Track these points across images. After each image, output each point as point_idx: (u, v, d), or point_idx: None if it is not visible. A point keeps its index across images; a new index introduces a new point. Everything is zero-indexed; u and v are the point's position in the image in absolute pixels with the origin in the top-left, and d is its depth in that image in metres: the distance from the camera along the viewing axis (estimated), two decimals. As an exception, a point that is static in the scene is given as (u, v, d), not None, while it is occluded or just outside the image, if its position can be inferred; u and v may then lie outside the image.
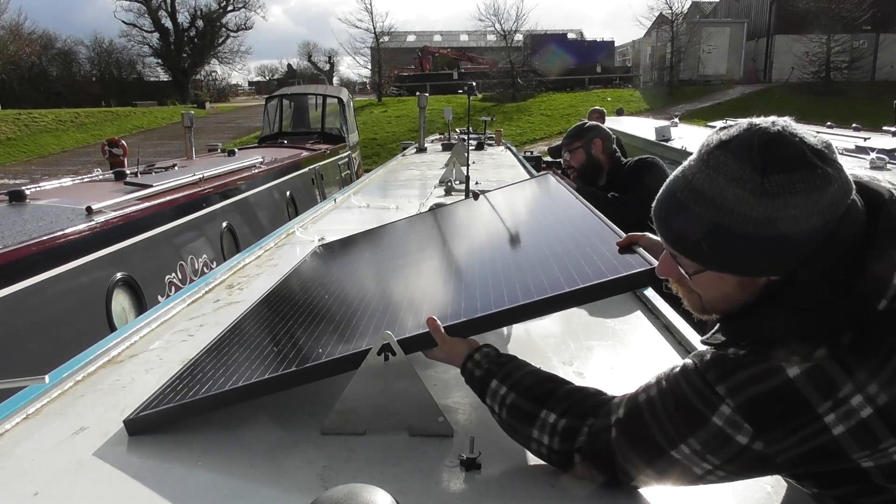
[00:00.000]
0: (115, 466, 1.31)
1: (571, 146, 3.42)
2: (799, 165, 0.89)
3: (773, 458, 0.95)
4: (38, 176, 18.72)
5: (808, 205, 0.88)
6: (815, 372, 0.89)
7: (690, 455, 1.00)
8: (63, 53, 46.07)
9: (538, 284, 1.44)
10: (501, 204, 2.64)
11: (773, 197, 0.89)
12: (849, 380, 0.87)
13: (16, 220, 4.23)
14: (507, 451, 1.32)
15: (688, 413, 0.99)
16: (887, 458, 0.90)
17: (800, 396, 0.90)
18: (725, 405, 0.95)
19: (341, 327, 1.62)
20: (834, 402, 0.89)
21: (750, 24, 35.35)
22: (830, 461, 0.93)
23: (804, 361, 0.90)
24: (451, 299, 1.58)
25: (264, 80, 58.36)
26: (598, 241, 1.62)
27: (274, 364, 1.49)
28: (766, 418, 0.93)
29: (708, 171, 0.95)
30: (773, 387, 0.92)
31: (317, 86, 18.29)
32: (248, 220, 6.82)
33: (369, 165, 14.97)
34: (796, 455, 0.93)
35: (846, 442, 0.89)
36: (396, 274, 2.13)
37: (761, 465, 0.97)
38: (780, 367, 0.91)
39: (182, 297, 2.40)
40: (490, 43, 41.60)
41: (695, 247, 0.98)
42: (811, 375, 0.89)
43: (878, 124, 7.61)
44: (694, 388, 1.00)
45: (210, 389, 1.44)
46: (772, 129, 0.92)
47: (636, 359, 1.83)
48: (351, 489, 0.78)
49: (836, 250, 0.90)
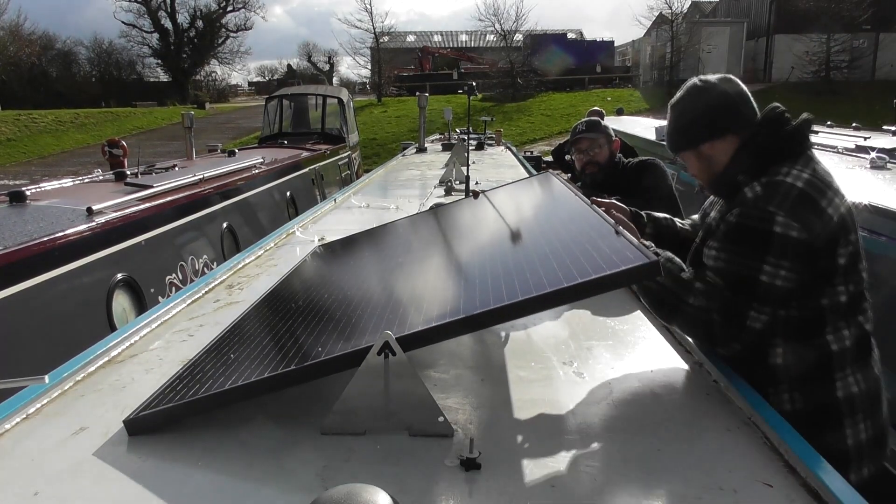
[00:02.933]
0: (115, 466, 1.31)
1: (597, 141, 3.19)
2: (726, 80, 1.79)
3: (813, 243, 1.53)
4: (38, 177, 18.71)
5: (730, 84, 1.76)
6: (809, 182, 1.59)
7: (773, 270, 1.53)
8: (63, 54, 46.12)
9: (537, 281, 1.44)
10: (501, 202, 2.64)
11: (713, 88, 1.76)
12: (829, 188, 1.61)
13: (16, 221, 4.23)
14: (506, 451, 1.32)
15: (753, 239, 1.55)
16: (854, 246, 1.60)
17: (809, 195, 1.57)
18: (778, 215, 1.53)
19: (340, 326, 1.62)
20: (828, 198, 1.59)
21: (750, 23, 35.33)
22: (844, 234, 1.58)
23: (788, 175, 1.60)
24: (450, 297, 1.58)
25: (264, 80, 58.41)
26: (597, 237, 1.62)
27: (273, 363, 1.49)
28: (800, 213, 1.53)
29: (688, 100, 1.79)
30: (794, 192, 1.56)
31: (317, 86, 18.28)
32: (248, 221, 6.82)
33: (369, 165, 14.97)
34: (825, 237, 1.54)
35: (849, 218, 1.61)
36: (396, 273, 2.13)
37: (811, 255, 1.54)
38: (787, 183, 1.59)
39: (182, 297, 2.40)
40: (490, 43, 41.60)
41: (705, 129, 1.74)
42: (807, 183, 1.59)
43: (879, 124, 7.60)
44: (751, 223, 1.58)
45: (210, 389, 1.44)
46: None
47: (636, 359, 1.83)
48: (351, 489, 0.78)
49: (771, 129, 1.69)
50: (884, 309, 3.31)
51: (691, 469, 1.25)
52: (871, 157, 4.67)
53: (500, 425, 1.45)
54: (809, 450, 1.27)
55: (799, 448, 1.27)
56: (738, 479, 1.22)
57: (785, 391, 1.63)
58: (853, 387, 1.64)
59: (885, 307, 3.28)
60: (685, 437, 1.38)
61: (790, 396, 1.63)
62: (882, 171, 4.51)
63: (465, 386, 1.65)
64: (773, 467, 1.26)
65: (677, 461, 1.28)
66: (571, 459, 1.30)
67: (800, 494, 1.17)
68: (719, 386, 1.61)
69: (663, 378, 1.68)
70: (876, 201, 3.54)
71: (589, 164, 3.26)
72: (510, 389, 1.64)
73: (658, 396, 1.58)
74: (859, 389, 1.64)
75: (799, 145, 1.67)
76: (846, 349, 1.63)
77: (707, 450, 1.33)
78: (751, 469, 1.25)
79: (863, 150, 5.12)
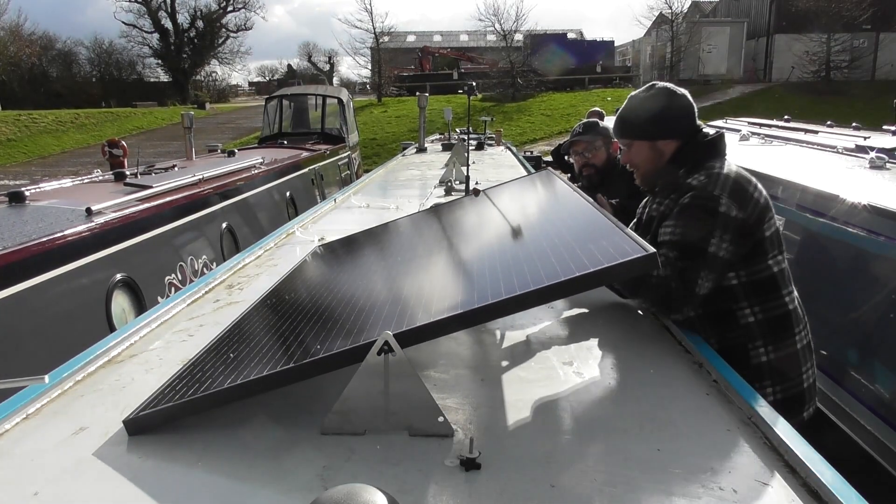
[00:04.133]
0: (115, 466, 1.31)
1: (594, 143, 3.13)
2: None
3: (747, 220, 1.90)
4: (39, 177, 18.72)
5: (682, 99, 2.12)
6: (738, 173, 1.97)
7: (718, 242, 1.85)
8: (63, 54, 46.13)
9: (535, 276, 1.45)
10: (501, 200, 2.65)
11: (678, 96, 2.12)
12: (749, 180, 1.98)
13: (15, 222, 4.22)
14: (506, 451, 1.32)
15: (704, 215, 1.88)
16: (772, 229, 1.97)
17: (741, 183, 1.95)
18: (722, 198, 1.89)
19: (339, 324, 1.62)
20: (753, 184, 1.97)
21: (750, 23, 35.32)
22: (767, 213, 1.96)
23: (721, 169, 1.98)
24: (450, 294, 1.59)
25: (264, 80, 58.42)
26: (596, 231, 1.64)
27: (272, 362, 1.49)
28: (737, 196, 1.90)
29: (658, 97, 2.13)
30: (730, 180, 1.93)
31: (316, 86, 18.27)
32: (247, 221, 6.81)
33: (369, 166, 14.97)
34: (755, 215, 1.92)
35: (768, 202, 1.99)
36: (396, 272, 2.13)
37: (746, 230, 1.90)
38: (723, 173, 1.96)
39: (182, 297, 2.40)
40: (490, 43, 41.57)
41: (664, 127, 2.09)
42: (736, 174, 1.97)
43: (879, 123, 7.59)
44: (701, 202, 1.92)
45: (210, 388, 1.44)
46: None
47: (636, 359, 1.83)
48: (350, 489, 0.78)
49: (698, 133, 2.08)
50: (884, 309, 3.32)
51: (691, 469, 1.25)
52: (870, 157, 4.66)
53: (499, 425, 1.45)
54: (809, 449, 1.27)
55: (799, 448, 1.27)
56: (737, 478, 1.22)
57: (760, 346, 1.98)
58: (805, 339, 2.07)
59: (885, 307, 3.28)
60: (685, 436, 1.38)
61: (765, 350, 1.98)
62: (881, 170, 4.50)
63: (465, 386, 1.65)
64: (772, 467, 1.26)
65: (677, 461, 1.28)
66: (571, 459, 1.30)
67: (800, 494, 1.17)
68: (719, 386, 1.61)
69: (663, 378, 1.68)
70: (875, 201, 3.54)
71: (586, 167, 3.25)
72: (510, 389, 1.64)
73: (658, 396, 1.58)
74: (807, 341, 2.09)
75: (718, 150, 2.08)
76: (797, 307, 2.04)
77: (707, 449, 1.33)
78: (750, 469, 1.25)
79: (862, 149, 5.11)
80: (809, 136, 6.77)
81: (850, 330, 3.50)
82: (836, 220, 3.79)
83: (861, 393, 3.24)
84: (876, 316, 3.31)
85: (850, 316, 3.52)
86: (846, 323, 3.53)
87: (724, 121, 9.52)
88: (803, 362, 2.05)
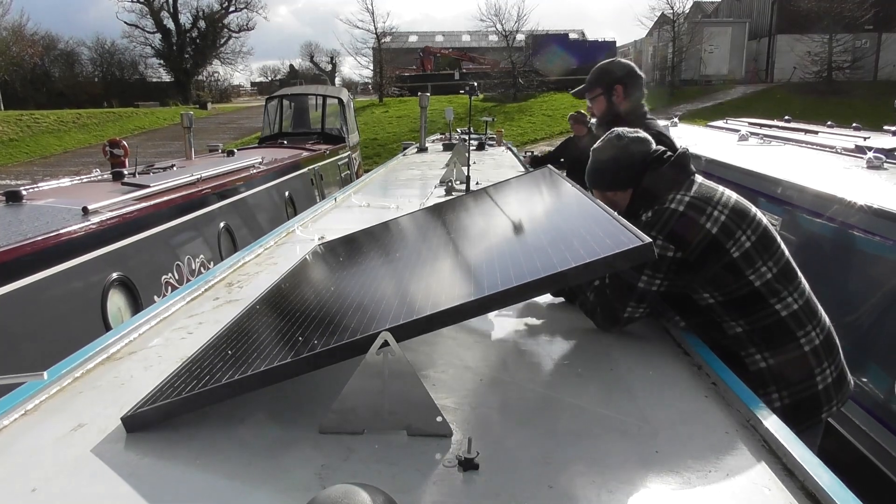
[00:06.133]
0: (113, 463, 1.31)
1: (593, 92, 3.12)
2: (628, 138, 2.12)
3: (687, 258, 1.89)
4: (40, 177, 18.71)
5: (638, 145, 2.10)
6: (690, 203, 1.93)
7: (648, 280, 1.91)
8: (65, 54, 46.14)
9: (532, 268, 1.47)
10: (500, 196, 2.66)
11: (624, 147, 2.10)
12: (709, 203, 1.93)
13: (11, 221, 4.21)
14: (504, 451, 1.32)
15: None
16: (744, 247, 1.90)
17: (688, 216, 1.91)
18: (658, 239, 1.86)
19: (338, 322, 1.62)
20: (706, 213, 1.91)
21: (752, 23, 35.30)
22: (728, 236, 1.89)
23: (672, 202, 1.94)
24: (447, 289, 1.58)
25: (266, 80, 58.43)
26: (593, 222, 1.66)
27: (270, 359, 1.49)
28: (676, 235, 1.89)
29: (606, 149, 2.14)
30: (674, 218, 1.91)
31: (317, 86, 18.26)
32: (245, 221, 6.80)
33: (370, 165, 14.96)
34: (699, 253, 1.89)
35: (731, 222, 1.91)
36: (396, 270, 2.13)
37: (686, 266, 1.90)
38: (670, 209, 1.93)
39: (181, 295, 2.40)
40: (491, 43, 41.56)
41: (610, 180, 2.12)
42: (688, 205, 1.92)
43: (880, 124, 7.58)
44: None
45: (207, 385, 1.44)
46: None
47: (635, 360, 1.82)
48: (349, 488, 0.78)
49: (653, 169, 2.05)
50: (880, 310, 3.31)
51: (689, 471, 1.25)
52: (867, 158, 4.65)
53: (498, 425, 1.45)
54: (808, 452, 1.27)
55: (797, 451, 1.27)
56: (736, 481, 1.22)
57: (755, 353, 1.94)
58: (816, 339, 1.97)
59: (882, 308, 3.27)
60: (683, 439, 1.38)
61: (762, 356, 1.94)
62: (879, 171, 4.49)
63: (464, 386, 1.64)
64: (771, 470, 1.26)
65: (675, 463, 1.28)
66: (569, 460, 1.30)
67: (798, 497, 1.17)
68: (718, 388, 1.61)
69: (662, 380, 1.68)
70: (870, 202, 3.53)
71: (594, 117, 3.21)
72: (509, 390, 1.64)
73: (657, 398, 1.57)
74: (820, 341, 1.98)
75: (680, 175, 2.03)
76: (797, 311, 1.95)
77: (705, 452, 1.32)
78: (748, 472, 1.25)
79: (861, 150, 5.11)
80: (809, 136, 6.77)
81: (846, 331, 3.49)
82: (831, 220, 3.78)
83: (858, 395, 3.23)
84: (872, 317, 3.30)
85: (846, 317, 3.51)
86: (843, 324, 3.51)
87: (724, 121, 9.52)
88: (815, 363, 1.95)
